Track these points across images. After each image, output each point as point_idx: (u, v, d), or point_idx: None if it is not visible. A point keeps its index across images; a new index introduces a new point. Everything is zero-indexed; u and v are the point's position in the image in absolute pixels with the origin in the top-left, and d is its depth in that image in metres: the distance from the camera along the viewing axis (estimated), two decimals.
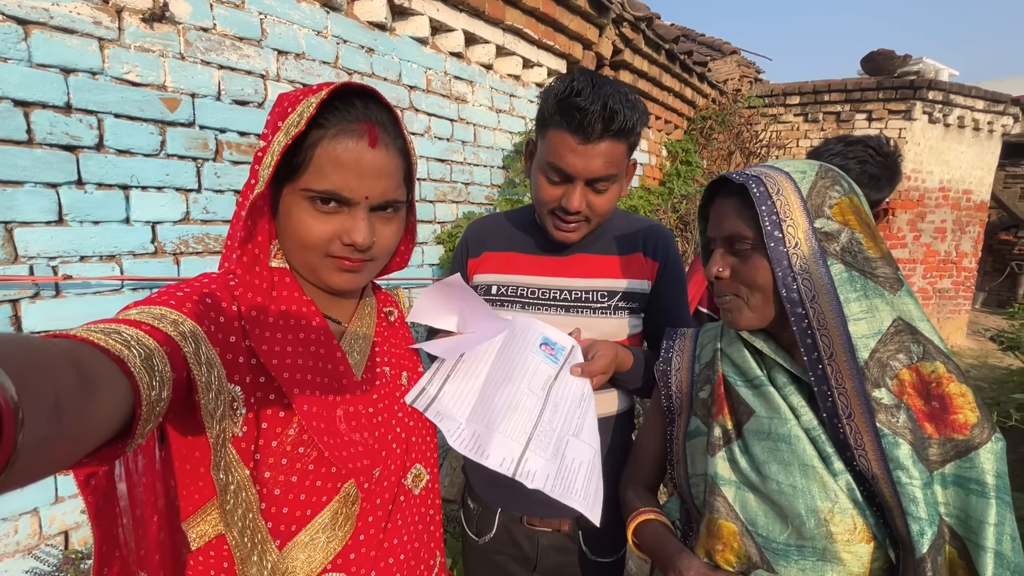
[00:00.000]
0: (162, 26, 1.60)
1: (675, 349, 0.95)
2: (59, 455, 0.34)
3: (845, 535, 0.67)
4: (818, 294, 0.69)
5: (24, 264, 1.39)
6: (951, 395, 0.68)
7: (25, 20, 1.34)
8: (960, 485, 0.66)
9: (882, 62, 5.80)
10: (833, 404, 0.68)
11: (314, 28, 2.03)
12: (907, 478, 0.64)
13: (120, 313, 0.52)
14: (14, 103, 1.34)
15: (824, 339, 0.68)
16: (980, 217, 6.66)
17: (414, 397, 0.81)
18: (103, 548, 0.56)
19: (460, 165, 2.79)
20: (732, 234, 0.76)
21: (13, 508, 1.43)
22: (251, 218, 0.64)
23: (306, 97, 0.61)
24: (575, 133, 0.91)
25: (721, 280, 0.78)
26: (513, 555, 1.15)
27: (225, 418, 0.57)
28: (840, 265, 0.70)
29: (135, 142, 1.57)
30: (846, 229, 0.71)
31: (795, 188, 0.72)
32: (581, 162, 0.93)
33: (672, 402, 0.92)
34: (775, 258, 0.70)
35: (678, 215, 4.23)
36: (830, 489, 0.68)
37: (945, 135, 5.92)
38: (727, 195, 0.78)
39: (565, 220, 1.00)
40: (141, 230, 1.61)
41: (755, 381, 0.79)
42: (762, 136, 5.18)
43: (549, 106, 0.94)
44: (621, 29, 3.62)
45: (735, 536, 0.74)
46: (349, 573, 0.66)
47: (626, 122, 0.91)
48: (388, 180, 0.65)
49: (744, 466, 0.76)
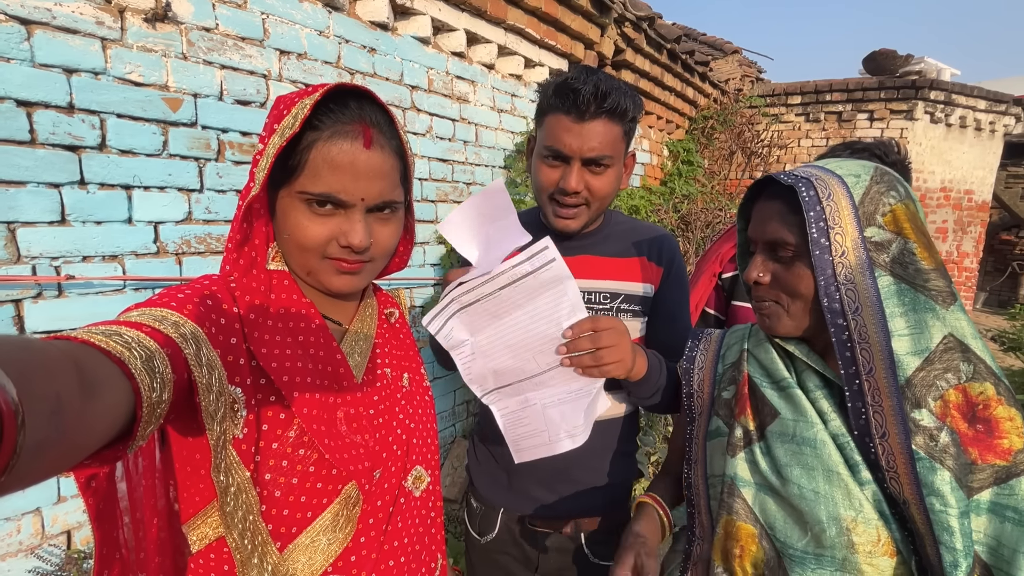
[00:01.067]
0: (164, 26, 1.60)
1: (700, 348, 0.93)
2: (60, 457, 0.34)
3: (867, 546, 0.65)
4: (862, 306, 0.66)
5: (27, 264, 1.40)
6: (998, 419, 0.64)
7: (28, 20, 1.34)
8: (995, 512, 0.63)
9: (884, 62, 5.79)
10: (867, 422, 0.66)
11: (316, 28, 2.03)
12: (941, 505, 0.61)
13: (121, 315, 0.52)
14: (17, 103, 1.34)
15: (864, 353, 0.66)
16: (982, 217, 6.65)
17: (428, 320, 0.87)
18: (103, 550, 0.57)
19: (462, 165, 2.79)
20: (775, 239, 0.73)
21: (16, 508, 1.43)
22: (247, 221, 0.64)
23: (301, 99, 0.61)
24: (569, 112, 0.94)
25: (761, 286, 0.76)
26: (515, 555, 1.16)
27: (226, 420, 0.57)
28: (889, 277, 0.67)
29: (137, 142, 1.57)
30: (899, 239, 0.68)
31: (847, 193, 0.68)
32: (576, 141, 0.95)
33: (693, 401, 0.91)
34: (819, 267, 0.68)
35: (679, 215, 4.23)
36: (855, 497, 0.66)
37: (947, 135, 5.91)
38: (772, 196, 0.75)
39: (564, 204, 1.01)
40: (143, 230, 1.61)
41: (782, 383, 0.77)
42: (763, 136, 5.17)
43: (547, 96, 0.98)
44: (623, 29, 3.61)
45: (753, 538, 0.73)
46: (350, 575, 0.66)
47: (619, 103, 0.94)
48: (384, 181, 0.65)
49: (765, 468, 0.74)
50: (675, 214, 4.22)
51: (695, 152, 5.03)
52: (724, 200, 4.69)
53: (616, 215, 1.18)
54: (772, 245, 0.74)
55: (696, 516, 0.87)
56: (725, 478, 0.78)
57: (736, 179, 5.31)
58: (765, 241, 0.75)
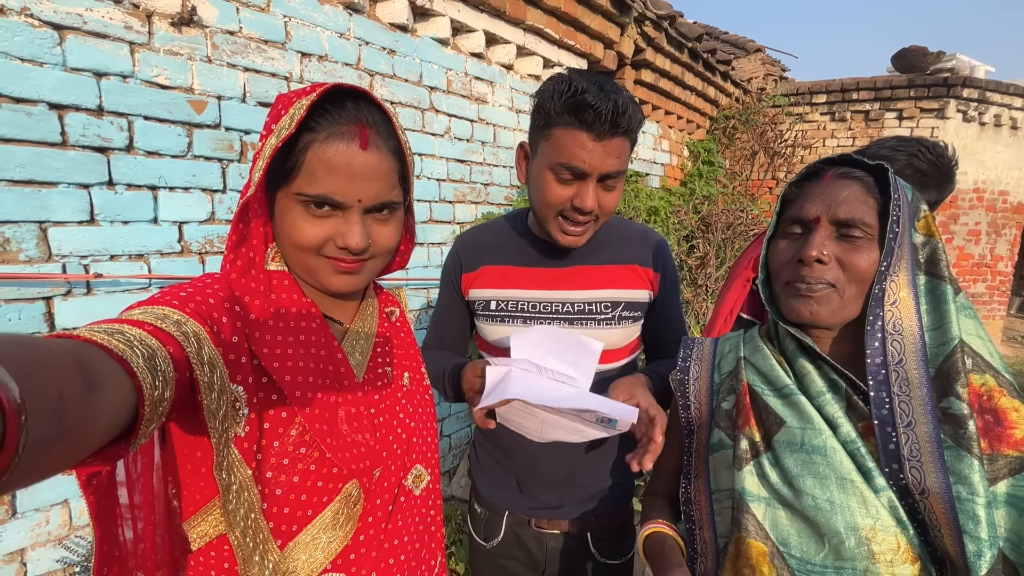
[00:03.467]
0: (190, 30, 1.64)
1: (692, 358, 0.91)
2: (63, 455, 0.35)
3: (888, 555, 0.64)
4: (900, 300, 0.68)
5: (57, 263, 1.44)
6: (1004, 409, 0.66)
7: (60, 25, 1.39)
8: (1013, 505, 0.63)
9: (914, 59, 5.62)
10: (891, 411, 0.66)
11: (337, 30, 2.05)
12: (968, 493, 0.61)
13: (123, 313, 0.52)
14: (49, 106, 1.39)
15: (895, 344, 0.67)
16: (1017, 219, 6.40)
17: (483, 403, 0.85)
18: (104, 548, 0.57)
19: (479, 166, 2.79)
20: (853, 219, 0.70)
21: (44, 499, 1.48)
22: (243, 221, 0.64)
23: (299, 99, 0.61)
24: (588, 130, 0.92)
25: (822, 265, 0.71)
26: (521, 559, 1.15)
27: (227, 418, 0.57)
28: (924, 276, 0.71)
29: (163, 144, 1.61)
30: (931, 241, 0.72)
31: (904, 192, 0.71)
32: (596, 159, 0.93)
33: (691, 413, 0.88)
34: (887, 252, 0.68)
35: (699, 216, 4.17)
36: (871, 505, 0.65)
37: (980, 134, 5.71)
38: (846, 176, 0.73)
39: (576, 221, 0.99)
40: (168, 230, 1.65)
41: (784, 390, 0.75)
42: (787, 136, 5.07)
43: (555, 106, 0.93)
44: (643, 28, 3.58)
45: (764, 557, 0.71)
46: (350, 573, 0.67)
47: (632, 119, 0.94)
48: (381, 182, 0.65)
49: (775, 480, 0.72)
50: (695, 215, 4.15)
51: (716, 152, 4.96)
52: (746, 201, 4.61)
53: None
54: (847, 224, 0.71)
55: (697, 533, 0.84)
56: (733, 493, 0.75)
57: (758, 180, 5.21)
58: (838, 220, 0.71)
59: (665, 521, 0.89)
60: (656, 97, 4.19)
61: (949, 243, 5.98)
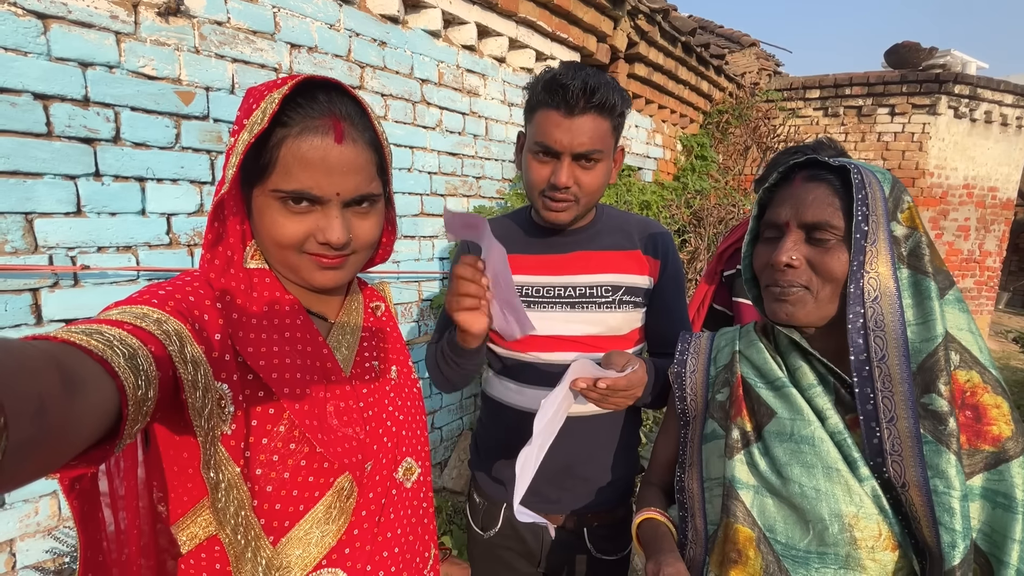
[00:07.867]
0: (177, 20, 1.62)
1: (690, 351, 0.93)
2: (46, 458, 0.34)
3: (870, 542, 0.66)
4: (881, 295, 0.68)
5: (44, 254, 1.43)
6: (985, 405, 0.67)
7: (44, 15, 1.37)
8: (987, 498, 0.65)
9: (907, 55, 5.65)
10: (875, 407, 0.67)
11: (327, 21, 2.04)
12: (944, 487, 0.63)
13: (101, 313, 0.52)
14: (34, 96, 1.37)
15: (878, 340, 0.68)
16: (1006, 215, 6.47)
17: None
18: (88, 554, 0.57)
19: (471, 159, 2.79)
20: (820, 222, 0.71)
21: (33, 490, 1.48)
22: (218, 219, 0.63)
23: (269, 92, 0.59)
24: (559, 108, 0.96)
25: (793, 269, 0.73)
26: (518, 550, 1.17)
27: (213, 416, 0.57)
28: (907, 270, 0.70)
29: (151, 135, 1.60)
30: (915, 233, 0.71)
31: (880, 186, 0.71)
32: (566, 136, 0.96)
33: (687, 405, 0.90)
34: (856, 251, 0.69)
35: (692, 211, 4.18)
36: (855, 493, 0.67)
37: (971, 130, 5.75)
38: (813, 179, 0.73)
39: (555, 199, 1.02)
40: (156, 222, 1.64)
41: (776, 383, 0.77)
42: (780, 131, 5.08)
43: (535, 92, 0.99)
44: (636, 21, 3.57)
45: (751, 542, 0.73)
46: (344, 567, 0.67)
47: (607, 97, 0.95)
48: (358, 175, 0.64)
49: (764, 469, 0.74)
50: (687, 210, 4.17)
51: (709, 147, 4.97)
52: (738, 196, 4.62)
53: (607, 209, 1.19)
54: (815, 227, 0.72)
55: (689, 520, 0.87)
56: (724, 480, 0.78)
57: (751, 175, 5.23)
58: (806, 223, 0.72)
59: (659, 509, 0.91)
60: (649, 91, 4.19)
61: (939, 239, 6.04)
